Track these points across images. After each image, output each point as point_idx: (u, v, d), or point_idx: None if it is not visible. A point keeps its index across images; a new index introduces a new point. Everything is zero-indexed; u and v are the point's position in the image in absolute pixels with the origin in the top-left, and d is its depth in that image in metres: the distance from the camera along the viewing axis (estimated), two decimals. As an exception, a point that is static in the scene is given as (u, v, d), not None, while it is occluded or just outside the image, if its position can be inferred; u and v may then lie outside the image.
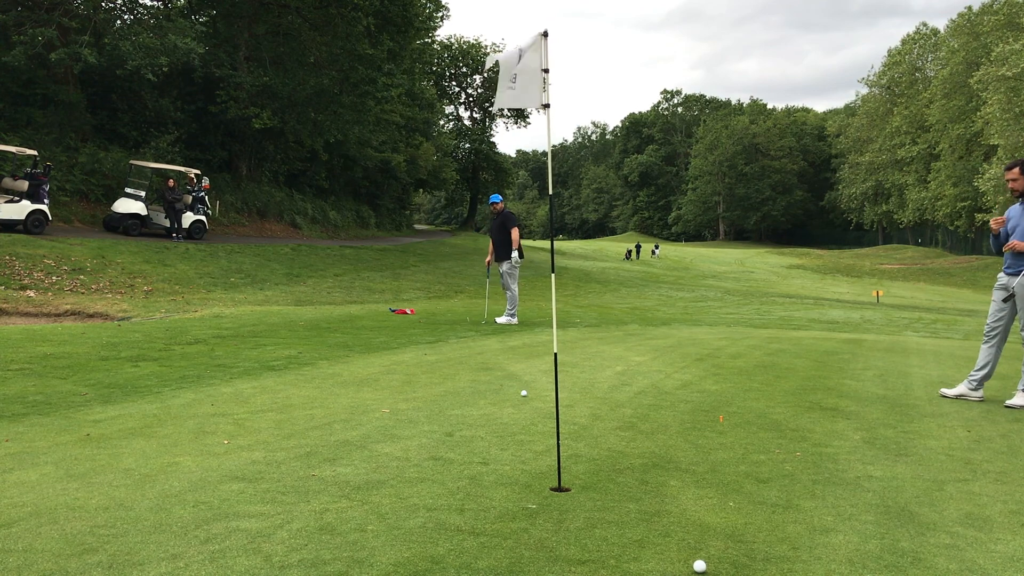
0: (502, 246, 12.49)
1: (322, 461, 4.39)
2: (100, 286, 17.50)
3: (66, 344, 8.81)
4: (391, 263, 29.14)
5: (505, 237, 12.45)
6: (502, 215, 12.57)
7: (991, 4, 59.60)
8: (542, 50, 4.42)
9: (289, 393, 6.38)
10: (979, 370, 6.65)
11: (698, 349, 9.84)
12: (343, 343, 9.60)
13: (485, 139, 65.34)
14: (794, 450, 4.85)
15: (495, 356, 8.77)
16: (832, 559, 3.16)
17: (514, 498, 3.81)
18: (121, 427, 5.16)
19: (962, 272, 50.73)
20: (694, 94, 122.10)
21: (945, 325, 16.08)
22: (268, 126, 30.47)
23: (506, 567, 2.99)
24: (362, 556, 3.06)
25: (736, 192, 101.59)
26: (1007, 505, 3.88)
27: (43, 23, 23.58)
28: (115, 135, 28.39)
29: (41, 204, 20.37)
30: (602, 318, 15.15)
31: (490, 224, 13.09)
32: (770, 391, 6.79)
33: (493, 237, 12.71)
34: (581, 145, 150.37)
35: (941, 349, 10.78)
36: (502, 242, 12.47)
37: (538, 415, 5.67)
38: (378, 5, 30.52)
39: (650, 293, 28.07)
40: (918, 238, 79.65)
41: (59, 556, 3.04)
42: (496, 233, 12.60)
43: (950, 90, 60.91)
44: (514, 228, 12.38)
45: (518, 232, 12.43)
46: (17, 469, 4.20)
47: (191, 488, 3.89)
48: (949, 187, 60.47)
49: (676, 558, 3.12)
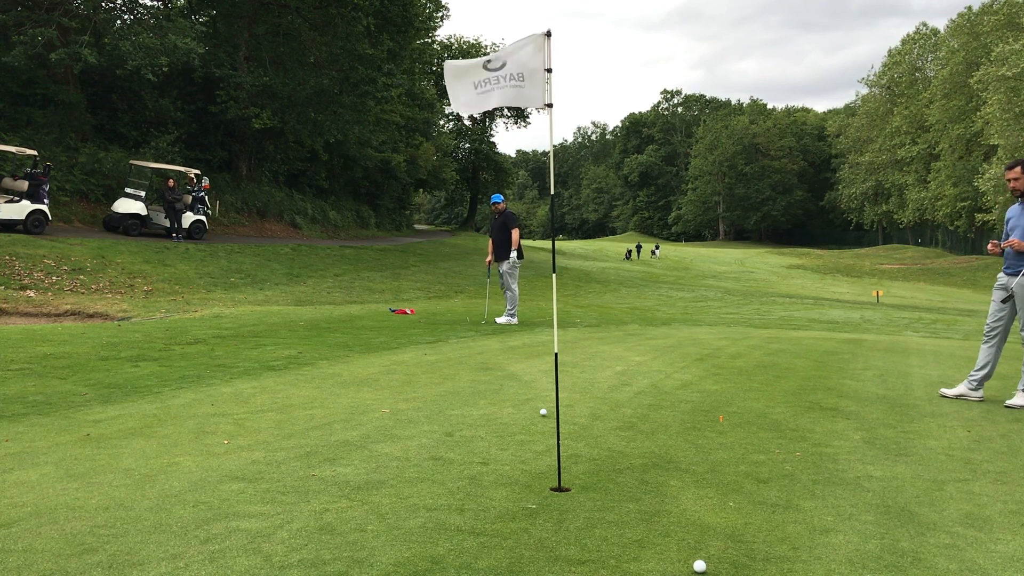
0: (502, 246, 12.52)
1: (322, 461, 4.39)
2: (100, 286, 17.51)
3: (66, 344, 8.81)
4: (391, 263, 29.15)
5: (506, 237, 12.48)
6: (503, 215, 12.60)
7: (991, 4, 59.61)
8: (545, 50, 4.42)
9: (289, 393, 6.38)
10: (979, 370, 6.64)
11: (698, 349, 9.84)
12: (343, 343, 9.60)
13: (485, 139, 65.35)
14: (794, 450, 4.85)
15: (495, 356, 8.77)
16: (832, 559, 3.16)
17: (514, 498, 3.81)
18: (121, 427, 5.16)
19: (962, 272, 50.74)
20: (694, 94, 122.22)
21: (945, 325, 16.09)
22: (268, 126, 30.47)
23: (506, 567, 2.99)
24: (362, 556, 3.06)
25: (736, 192, 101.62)
26: (1007, 505, 3.88)
27: (43, 23, 23.58)
28: (115, 135, 28.39)
29: (41, 204, 20.37)
30: (602, 318, 15.15)
31: (491, 224, 13.06)
32: (770, 391, 6.79)
33: (494, 237, 12.70)
34: (581, 145, 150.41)
35: (941, 349, 10.78)
36: (502, 242, 12.51)
37: (538, 415, 5.67)
38: (378, 5, 30.52)
39: (650, 293, 28.07)
40: (918, 238, 79.66)
41: (59, 556, 3.04)
42: (497, 233, 12.62)
43: (950, 90, 60.91)
44: (515, 228, 12.42)
45: (518, 232, 12.46)
46: (17, 469, 4.20)
47: (191, 488, 3.89)
48: (949, 187, 60.48)
49: (676, 558, 3.12)
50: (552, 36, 4.46)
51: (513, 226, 12.42)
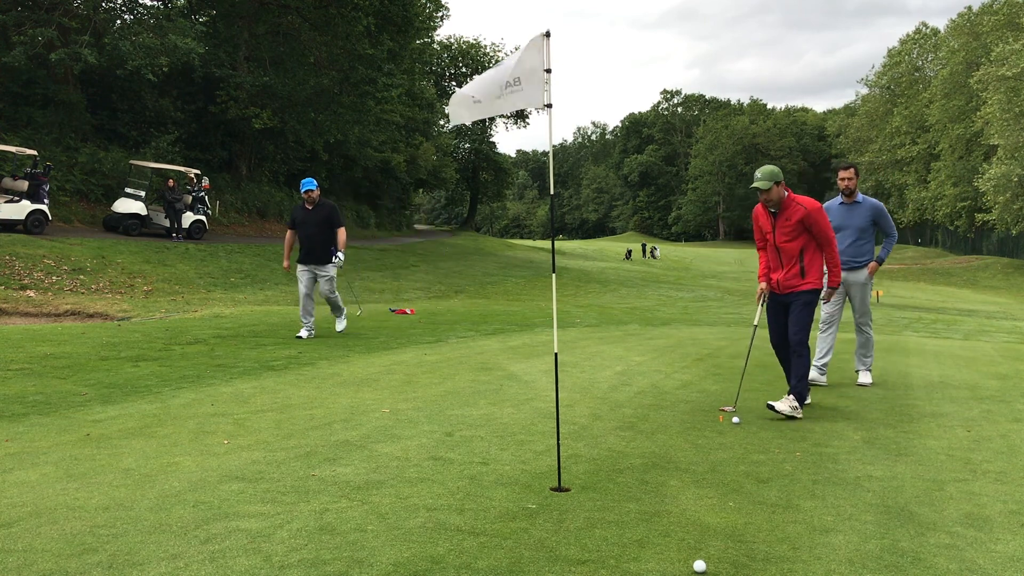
0: (322, 246, 10.05)
1: (322, 461, 4.39)
2: (100, 286, 17.50)
3: (66, 344, 8.80)
4: (391, 263, 29.14)
5: (327, 236, 10.08)
6: (323, 207, 10.09)
7: (991, 4, 59.57)
8: (544, 50, 4.42)
9: (289, 393, 6.38)
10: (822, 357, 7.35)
11: (698, 349, 9.84)
12: (343, 343, 9.60)
13: (485, 139, 65.38)
14: (794, 450, 4.85)
15: (495, 356, 8.77)
16: (832, 559, 3.16)
17: (514, 498, 3.81)
18: (121, 427, 5.16)
19: (962, 272, 50.72)
20: (694, 94, 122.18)
21: (945, 325, 16.07)
22: (268, 126, 30.46)
23: (506, 567, 2.99)
24: (362, 556, 3.06)
25: (736, 192, 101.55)
26: (1007, 505, 3.88)
27: (43, 23, 23.57)
28: (115, 135, 28.38)
29: (41, 204, 20.36)
30: (602, 318, 15.15)
31: (297, 215, 10.15)
32: (770, 391, 6.79)
33: (307, 233, 10.04)
34: (581, 145, 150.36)
35: (941, 349, 10.78)
36: (323, 241, 10.05)
37: (538, 415, 5.67)
38: (378, 5, 30.52)
39: (650, 293, 28.06)
40: (918, 238, 79.60)
41: (59, 556, 3.04)
42: (314, 229, 10.01)
43: (950, 90, 60.88)
44: (342, 227, 10.19)
45: (345, 232, 10.25)
46: (17, 469, 4.20)
47: (191, 488, 3.89)
48: (949, 187, 60.43)
49: (676, 558, 3.12)
50: (551, 36, 4.46)
51: (340, 224, 10.13)
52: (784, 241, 5.98)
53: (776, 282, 6.07)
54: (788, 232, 5.95)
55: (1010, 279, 46.95)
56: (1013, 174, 45.60)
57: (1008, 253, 55.11)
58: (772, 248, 6.11)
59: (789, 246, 5.96)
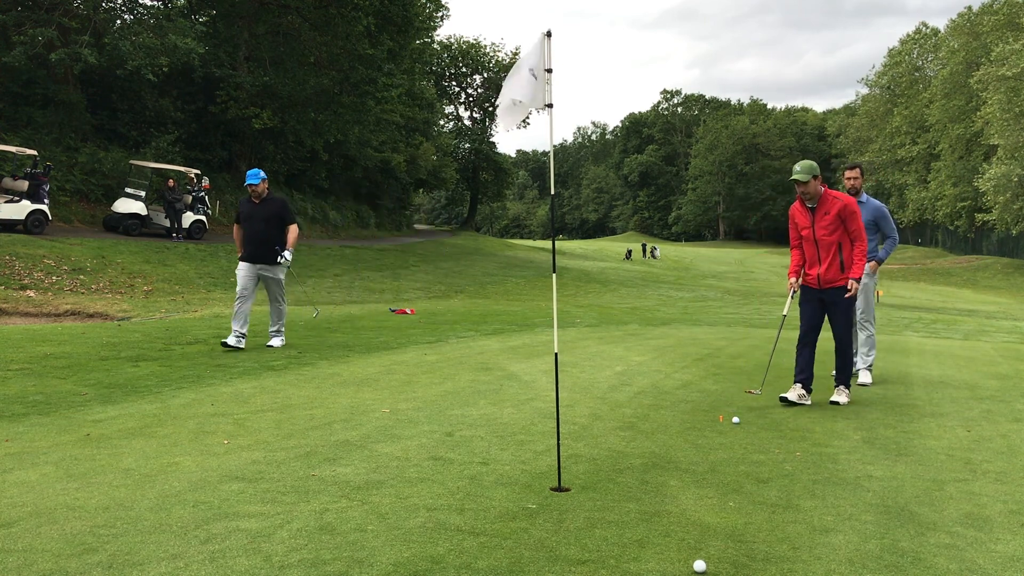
0: (269, 243, 9.03)
1: (322, 461, 4.39)
2: (100, 286, 17.50)
3: (66, 344, 8.80)
4: (391, 263, 29.15)
5: (277, 232, 9.10)
6: (271, 201, 9.17)
7: (991, 4, 59.56)
8: (545, 50, 4.41)
9: (289, 393, 6.38)
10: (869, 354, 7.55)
11: (698, 349, 9.84)
12: (343, 343, 9.60)
13: (485, 139, 65.32)
14: (794, 450, 4.85)
15: (495, 356, 8.77)
16: (832, 559, 3.16)
17: (514, 498, 3.81)
18: (121, 427, 5.16)
19: (962, 272, 50.74)
20: (694, 94, 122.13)
21: (945, 325, 16.07)
22: (268, 126, 30.46)
23: (506, 567, 2.99)
24: (362, 556, 3.06)
25: (736, 192, 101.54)
26: (1007, 505, 3.88)
27: (43, 23, 23.57)
28: (115, 135, 28.38)
29: (41, 204, 20.36)
30: (602, 318, 15.15)
31: (243, 210, 9.15)
32: (770, 391, 6.78)
33: (254, 228, 8.99)
34: (581, 145, 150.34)
35: (941, 349, 10.78)
36: (272, 238, 9.04)
37: (538, 415, 5.67)
38: (378, 5, 30.51)
39: (650, 293, 28.06)
40: (918, 238, 79.59)
41: (59, 556, 3.04)
42: (262, 224, 9.00)
43: (950, 90, 60.88)
44: (294, 224, 9.29)
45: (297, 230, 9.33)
46: (17, 469, 4.20)
47: (191, 488, 3.89)
48: (949, 187, 60.44)
49: (676, 558, 3.12)
50: (552, 36, 4.46)
51: (292, 220, 9.25)
52: (824, 235, 6.16)
53: (816, 277, 6.26)
54: (828, 225, 6.14)
55: (1010, 279, 46.97)
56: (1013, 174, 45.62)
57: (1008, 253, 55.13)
58: (811, 243, 6.27)
59: (829, 239, 6.16)
